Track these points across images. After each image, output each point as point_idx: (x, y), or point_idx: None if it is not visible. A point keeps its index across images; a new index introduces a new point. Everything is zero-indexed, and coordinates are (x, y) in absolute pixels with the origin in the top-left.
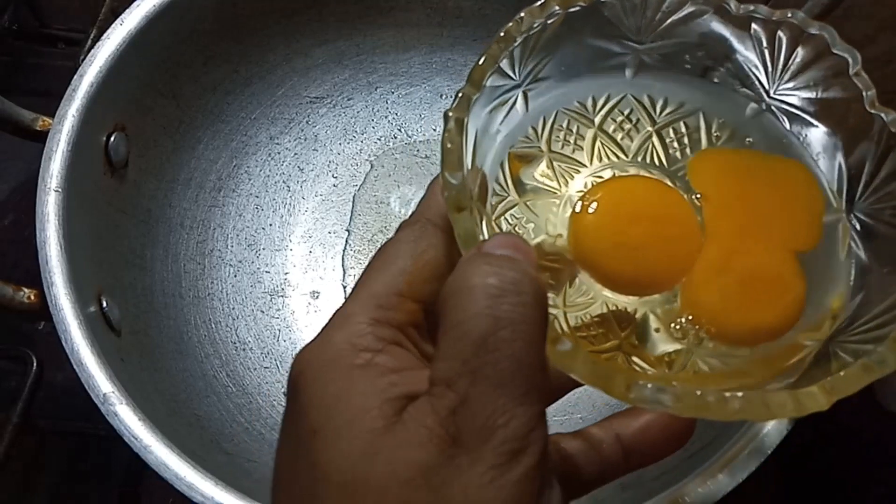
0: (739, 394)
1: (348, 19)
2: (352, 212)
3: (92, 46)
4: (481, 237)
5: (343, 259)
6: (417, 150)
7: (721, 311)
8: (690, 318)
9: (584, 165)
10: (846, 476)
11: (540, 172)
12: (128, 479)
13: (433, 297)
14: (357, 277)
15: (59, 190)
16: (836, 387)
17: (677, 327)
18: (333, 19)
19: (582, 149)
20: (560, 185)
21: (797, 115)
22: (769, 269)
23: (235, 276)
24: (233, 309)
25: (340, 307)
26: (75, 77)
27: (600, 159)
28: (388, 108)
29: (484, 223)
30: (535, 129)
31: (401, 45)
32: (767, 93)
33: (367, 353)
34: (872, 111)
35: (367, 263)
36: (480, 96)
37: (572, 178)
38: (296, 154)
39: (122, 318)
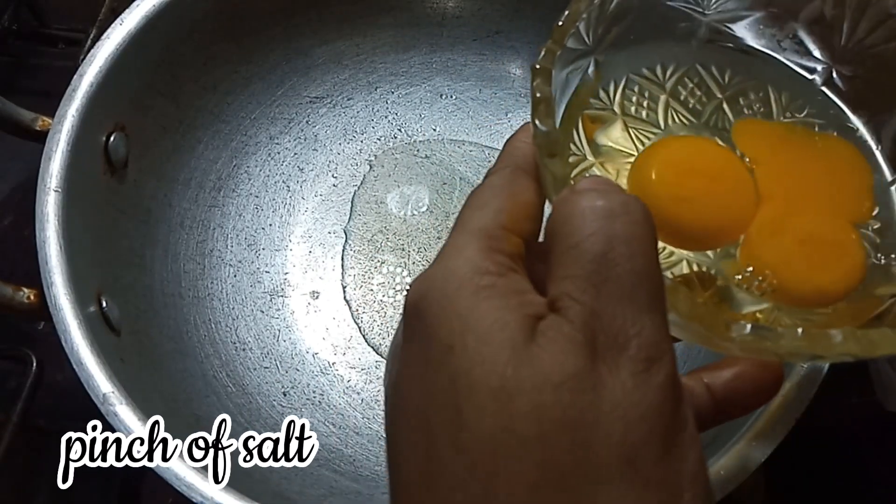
0: (840, 330)
1: (348, 19)
2: (351, 212)
3: (92, 46)
4: (571, 182)
5: (343, 259)
6: (417, 150)
7: (782, 267)
8: (753, 269)
9: (659, 128)
10: (846, 477)
11: (614, 134)
12: (127, 479)
13: (532, 236)
14: (357, 277)
15: (59, 190)
16: None
17: (742, 277)
18: (333, 19)
19: (655, 113)
20: (634, 147)
21: (858, 86)
22: (826, 232)
23: (235, 276)
24: (233, 309)
25: (445, 244)
26: (75, 77)
27: (673, 123)
28: (388, 108)
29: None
30: (606, 93)
31: (401, 45)
32: (831, 62)
33: (489, 276)
34: None
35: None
36: (560, 56)
37: (648, 140)
38: (296, 154)
39: (121, 318)
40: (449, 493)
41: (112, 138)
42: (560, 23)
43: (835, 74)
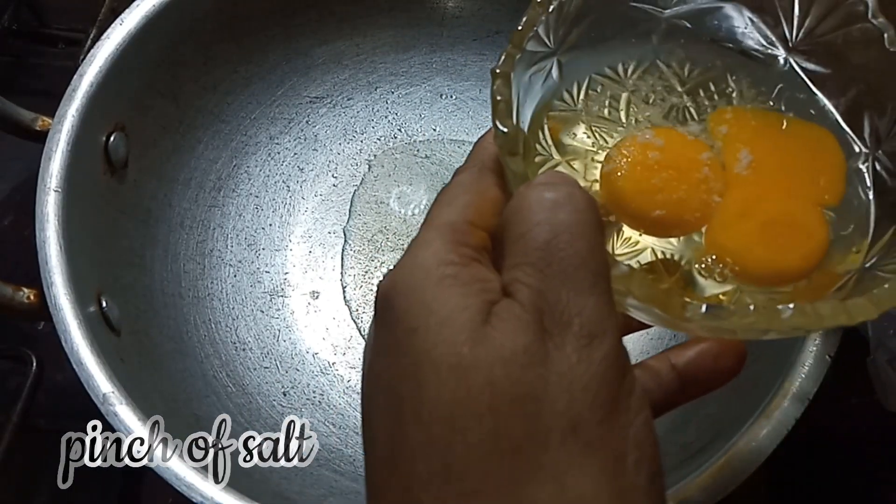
0: (791, 305)
1: (348, 19)
2: (351, 211)
3: (92, 46)
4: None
5: (343, 259)
6: (417, 150)
7: (742, 252)
8: (714, 257)
9: (622, 126)
10: (846, 477)
11: (579, 135)
12: (127, 479)
13: (498, 230)
14: (357, 277)
15: (59, 190)
16: (882, 297)
17: (704, 266)
18: (333, 19)
19: (618, 111)
20: (599, 146)
21: (818, 66)
22: (790, 216)
23: (235, 276)
24: (232, 309)
25: (414, 238)
26: (75, 77)
27: (637, 120)
28: (388, 108)
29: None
30: (570, 94)
31: (401, 45)
32: (788, 47)
33: (453, 266)
34: (893, 49)
35: (355, 270)
36: (521, 59)
37: (611, 137)
38: (296, 154)
39: (121, 318)
40: (411, 465)
41: (112, 138)
42: (519, 27)
43: (793, 62)
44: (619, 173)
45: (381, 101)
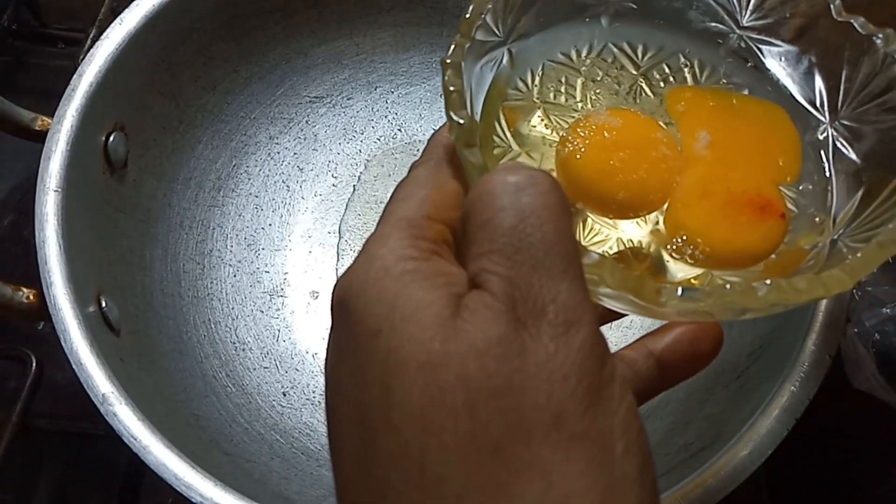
0: (767, 281)
1: (348, 19)
2: (351, 211)
3: (91, 46)
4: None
5: (343, 259)
6: (417, 150)
7: (709, 232)
8: (685, 238)
9: (578, 112)
10: (846, 477)
11: (536, 123)
12: (127, 479)
13: (458, 224)
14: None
15: (59, 190)
16: (856, 267)
17: (674, 248)
18: (333, 19)
19: (574, 97)
20: (557, 133)
21: (769, 41)
22: (750, 193)
23: (235, 275)
24: (232, 309)
25: (371, 235)
26: (75, 77)
27: (593, 105)
28: (387, 108)
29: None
30: (524, 82)
31: (401, 45)
32: (738, 24)
33: (413, 261)
34: (840, 19)
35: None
36: (471, 50)
37: (568, 123)
38: (295, 154)
39: (121, 318)
40: (384, 475)
41: (112, 138)
42: (466, 16)
43: (745, 38)
44: (576, 156)
45: (380, 100)
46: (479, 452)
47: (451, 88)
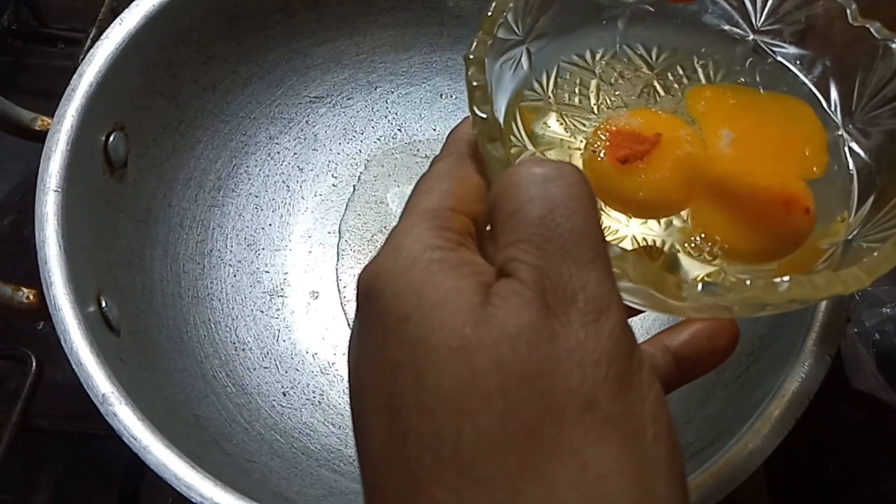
0: (786, 278)
1: (348, 19)
2: (350, 211)
3: (91, 46)
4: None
5: (342, 258)
6: (417, 150)
7: (731, 229)
8: (703, 236)
9: (593, 113)
10: (846, 477)
11: (551, 124)
12: (127, 479)
13: (479, 216)
14: (356, 278)
15: (59, 190)
16: (873, 265)
17: (693, 245)
18: (333, 19)
19: (588, 98)
20: (572, 135)
21: (784, 44)
22: (777, 190)
23: (235, 275)
24: (232, 309)
25: (394, 227)
26: (74, 77)
27: (607, 107)
28: (387, 108)
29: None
30: (539, 83)
31: (401, 45)
32: (753, 27)
33: (439, 251)
34: (856, 24)
35: (353, 262)
36: (492, 47)
37: (583, 125)
38: (295, 154)
39: (121, 318)
40: (418, 457)
41: (112, 138)
42: (489, 13)
43: (759, 42)
44: (600, 156)
45: (380, 100)
46: (513, 434)
47: (475, 83)
